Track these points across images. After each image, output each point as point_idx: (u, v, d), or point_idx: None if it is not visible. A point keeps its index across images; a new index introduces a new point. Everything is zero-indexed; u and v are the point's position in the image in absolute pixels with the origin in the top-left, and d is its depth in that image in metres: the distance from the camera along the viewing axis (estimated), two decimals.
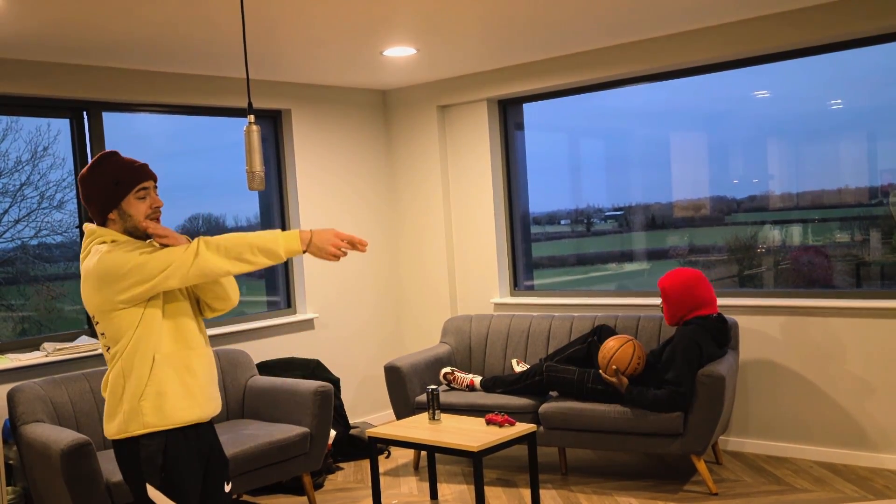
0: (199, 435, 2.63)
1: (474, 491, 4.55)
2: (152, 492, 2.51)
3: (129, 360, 2.51)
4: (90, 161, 2.60)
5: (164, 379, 2.52)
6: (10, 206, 4.73)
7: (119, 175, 2.56)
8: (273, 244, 2.49)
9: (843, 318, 4.67)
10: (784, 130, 5.06)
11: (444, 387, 5.15)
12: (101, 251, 2.52)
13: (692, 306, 4.49)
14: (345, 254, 2.54)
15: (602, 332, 4.85)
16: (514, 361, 5.21)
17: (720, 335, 4.49)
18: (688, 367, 4.32)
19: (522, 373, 4.82)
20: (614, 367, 4.44)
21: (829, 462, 4.75)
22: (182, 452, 2.55)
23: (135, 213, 2.58)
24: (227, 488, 2.75)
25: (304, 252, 2.51)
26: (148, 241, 2.62)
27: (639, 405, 4.38)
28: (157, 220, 2.63)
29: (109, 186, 2.56)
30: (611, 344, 4.54)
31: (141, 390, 2.50)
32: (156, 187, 2.64)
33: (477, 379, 5.02)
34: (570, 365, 4.73)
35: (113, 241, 2.56)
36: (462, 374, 5.08)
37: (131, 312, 2.51)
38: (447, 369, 5.15)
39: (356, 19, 4.14)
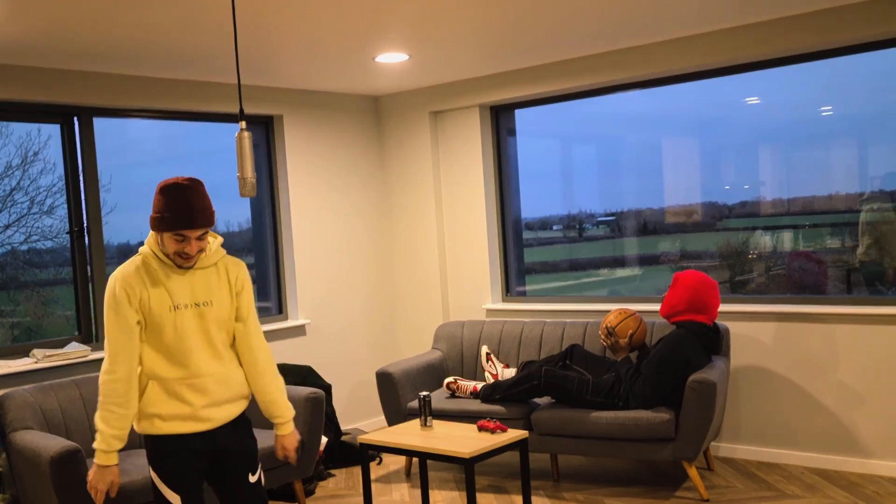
0: (200, 437, 2.82)
1: (466, 498, 4.54)
2: (153, 474, 2.83)
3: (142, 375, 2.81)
4: (175, 178, 2.75)
5: (156, 401, 2.77)
6: (0, 212, 4.71)
7: (167, 213, 2.69)
8: (99, 442, 2.73)
9: (835, 324, 4.68)
10: (775, 137, 5.08)
11: (447, 396, 5.12)
12: (128, 261, 2.79)
13: (692, 306, 4.52)
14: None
15: (574, 351, 4.84)
16: (483, 349, 5.23)
17: (711, 344, 4.51)
18: (663, 371, 4.39)
19: (520, 376, 4.78)
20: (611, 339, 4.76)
21: (821, 468, 4.75)
22: (171, 450, 2.79)
23: (167, 245, 2.74)
24: (253, 479, 2.90)
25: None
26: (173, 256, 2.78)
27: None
28: (188, 260, 2.75)
29: (158, 213, 2.71)
30: (611, 317, 4.79)
31: (142, 406, 2.81)
32: (202, 235, 2.73)
33: (480, 385, 5.00)
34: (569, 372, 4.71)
35: (151, 253, 2.78)
36: (465, 382, 5.05)
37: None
38: (450, 378, 5.11)
39: (349, 25, 4.14)
